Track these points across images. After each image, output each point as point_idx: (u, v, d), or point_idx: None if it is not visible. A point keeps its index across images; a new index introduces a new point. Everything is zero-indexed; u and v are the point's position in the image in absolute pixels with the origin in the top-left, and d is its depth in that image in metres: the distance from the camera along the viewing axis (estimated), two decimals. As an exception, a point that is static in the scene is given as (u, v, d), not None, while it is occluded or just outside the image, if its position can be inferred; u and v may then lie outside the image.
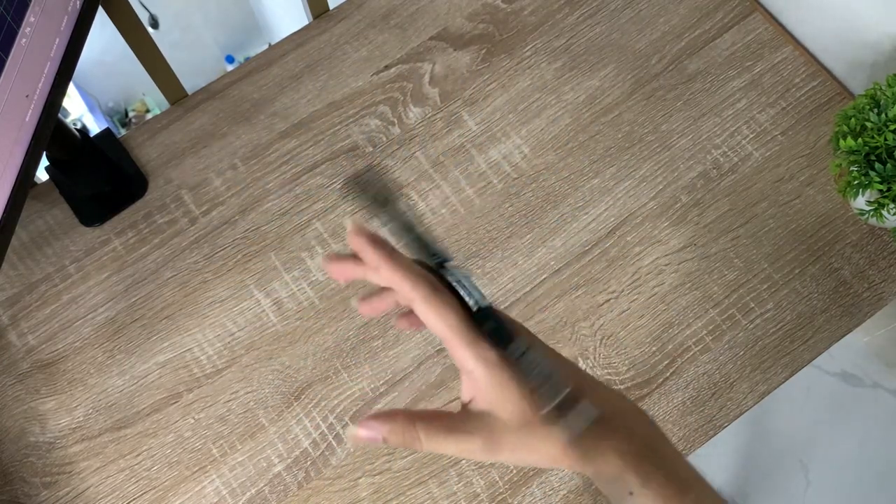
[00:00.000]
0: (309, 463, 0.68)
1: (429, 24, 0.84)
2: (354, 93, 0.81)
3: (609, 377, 0.71)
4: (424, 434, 0.34)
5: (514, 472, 0.68)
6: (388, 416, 0.35)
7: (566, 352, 0.71)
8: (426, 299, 0.33)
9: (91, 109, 2.68)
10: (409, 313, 0.38)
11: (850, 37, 0.78)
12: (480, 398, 0.34)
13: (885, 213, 0.66)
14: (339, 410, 0.70)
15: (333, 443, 0.69)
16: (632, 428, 0.36)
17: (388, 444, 0.35)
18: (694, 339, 0.72)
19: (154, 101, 3.00)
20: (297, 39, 0.84)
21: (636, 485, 0.34)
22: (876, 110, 0.66)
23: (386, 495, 0.67)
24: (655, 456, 0.35)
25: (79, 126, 2.61)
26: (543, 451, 0.34)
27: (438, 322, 0.33)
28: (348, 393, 0.70)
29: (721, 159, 0.78)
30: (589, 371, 0.71)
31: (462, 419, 0.35)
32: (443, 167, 0.78)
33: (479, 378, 0.34)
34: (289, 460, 0.69)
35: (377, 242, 0.35)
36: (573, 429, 0.33)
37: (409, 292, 0.34)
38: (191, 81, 0.84)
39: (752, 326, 0.73)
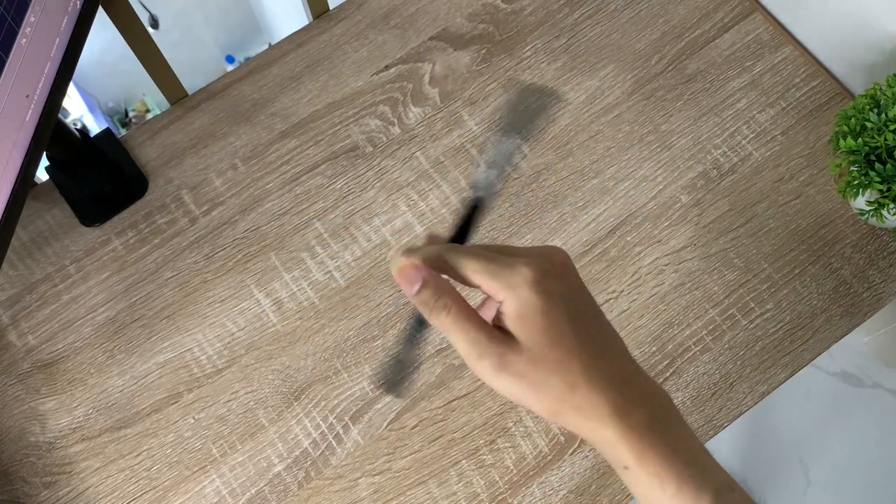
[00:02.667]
0: (309, 463, 0.68)
1: (429, 24, 0.84)
2: (354, 93, 0.81)
3: (609, 377, 0.71)
4: (452, 313, 0.34)
5: (514, 472, 0.68)
6: (430, 279, 0.35)
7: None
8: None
9: (91, 109, 2.68)
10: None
11: (850, 37, 0.78)
12: (508, 321, 0.34)
13: (885, 213, 0.66)
14: (339, 410, 0.70)
15: (333, 443, 0.69)
16: (640, 397, 0.35)
17: (414, 297, 0.35)
18: (694, 339, 0.72)
19: (154, 101, 3.00)
20: (297, 39, 0.84)
21: (632, 459, 0.34)
22: (876, 110, 0.66)
23: (386, 495, 0.67)
24: (660, 431, 0.34)
25: (79, 126, 2.61)
26: (545, 391, 0.34)
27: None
28: (348, 393, 0.70)
29: (721, 159, 0.78)
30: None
31: (485, 325, 0.35)
32: (443, 167, 0.78)
33: (507, 306, 0.34)
34: (289, 460, 0.69)
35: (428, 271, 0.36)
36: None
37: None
38: (191, 81, 0.84)
39: (752, 326, 0.73)
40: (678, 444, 0.35)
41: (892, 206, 0.65)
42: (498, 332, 0.34)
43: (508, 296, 0.34)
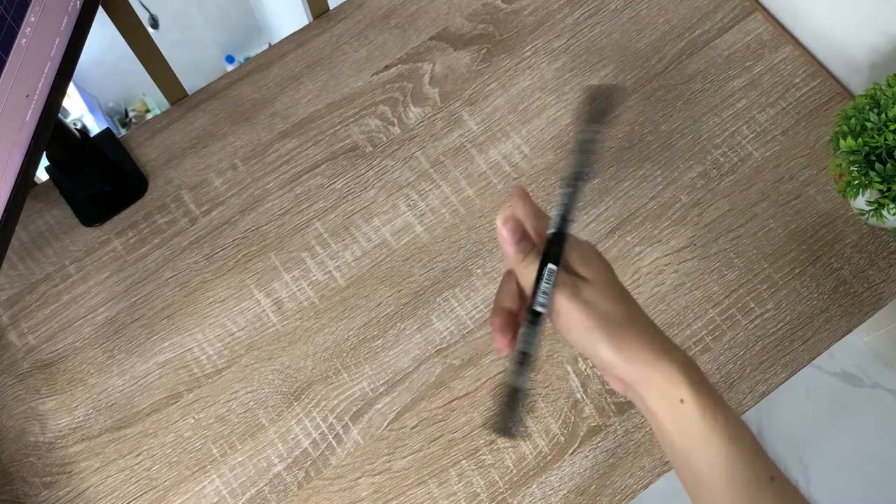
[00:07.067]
0: (309, 463, 0.68)
1: (429, 24, 0.84)
2: (354, 93, 0.81)
3: (609, 377, 0.71)
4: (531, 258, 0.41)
5: (514, 471, 0.68)
6: (524, 232, 0.42)
7: (566, 352, 0.71)
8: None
9: (91, 109, 2.67)
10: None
11: (850, 37, 0.78)
12: (574, 263, 0.42)
13: (885, 213, 0.66)
14: (339, 410, 0.70)
15: (333, 443, 0.69)
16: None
17: (510, 248, 0.42)
18: (694, 339, 0.72)
19: (154, 101, 3.00)
20: (297, 39, 0.84)
21: (687, 391, 0.37)
22: (876, 110, 0.66)
23: (386, 495, 0.67)
24: (700, 374, 0.39)
25: (79, 126, 2.61)
26: (615, 328, 0.39)
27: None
28: (348, 393, 0.70)
29: (721, 159, 0.78)
30: (588, 371, 0.71)
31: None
32: (443, 167, 0.78)
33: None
34: (289, 460, 0.69)
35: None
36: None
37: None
38: (191, 81, 0.84)
39: (752, 326, 0.73)
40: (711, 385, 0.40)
41: (892, 206, 0.65)
42: (569, 274, 0.41)
43: (579, 246, 0.42)
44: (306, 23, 0.85)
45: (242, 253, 0.75)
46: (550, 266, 0.40)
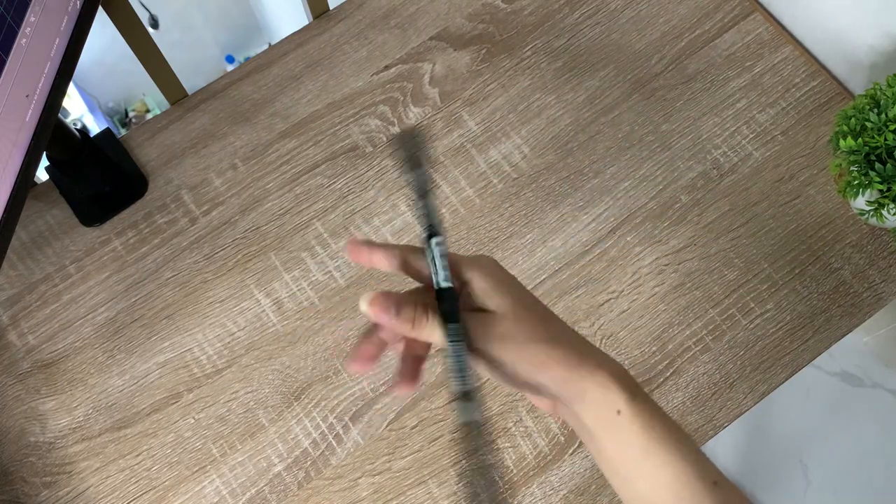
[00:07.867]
0: (309, 463, 0.68)
1: (429, 24, 0.84)
2: (354, 93, 0.81)
3: (609, 377, 0.71)
4: (431, 315, 0.36)
5: (514, 471, 0.68)
6: (398, 299, 0.36)
7: (566, 352, 0.71)
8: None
9: (91, 109, 2.68)
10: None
11: (850, 37, 0.78)
12: (481, 296, 0.37)
13: (885, 213, 0.66)
14: (339, 410, 0.70)
15: (333, 443, 0.69)
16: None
17: (392, 322, 0.36)
18: (694, 339, 0.72)
19: (154, 101, 3.00)
20: (297, 39, 0.84)
21: (624, 401, 0.35)
22: (876, 110, 0.66)
23: (386, 495, 0.67)
24: (636, 384, 0.37)
25: (79, 126, 2.61)
26: (539, 353, 0.36)
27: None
28: (348, 393, 0.70)
29: (721, 159, 0.78)
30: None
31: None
32: (443, 167, 0.78)
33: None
34: (289, 460, 0.69)
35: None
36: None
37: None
38: (191, 81, 0.84)
39: (752, 326, 0.73)
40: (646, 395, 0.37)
41: (892, 206, 0.65)
42: (475, 312, 0.37)
43: (477, 274, 0.37)
44: (306, 23, 0.85)
45: (242, 253, 0.75)
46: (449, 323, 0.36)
